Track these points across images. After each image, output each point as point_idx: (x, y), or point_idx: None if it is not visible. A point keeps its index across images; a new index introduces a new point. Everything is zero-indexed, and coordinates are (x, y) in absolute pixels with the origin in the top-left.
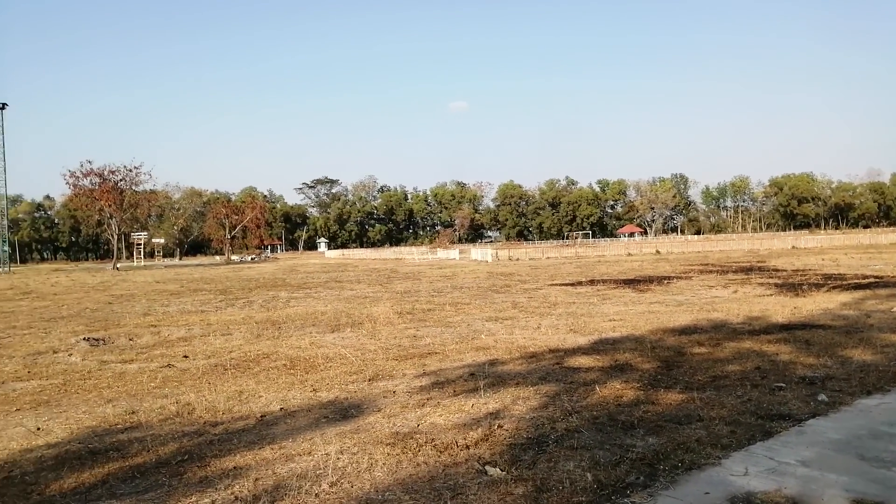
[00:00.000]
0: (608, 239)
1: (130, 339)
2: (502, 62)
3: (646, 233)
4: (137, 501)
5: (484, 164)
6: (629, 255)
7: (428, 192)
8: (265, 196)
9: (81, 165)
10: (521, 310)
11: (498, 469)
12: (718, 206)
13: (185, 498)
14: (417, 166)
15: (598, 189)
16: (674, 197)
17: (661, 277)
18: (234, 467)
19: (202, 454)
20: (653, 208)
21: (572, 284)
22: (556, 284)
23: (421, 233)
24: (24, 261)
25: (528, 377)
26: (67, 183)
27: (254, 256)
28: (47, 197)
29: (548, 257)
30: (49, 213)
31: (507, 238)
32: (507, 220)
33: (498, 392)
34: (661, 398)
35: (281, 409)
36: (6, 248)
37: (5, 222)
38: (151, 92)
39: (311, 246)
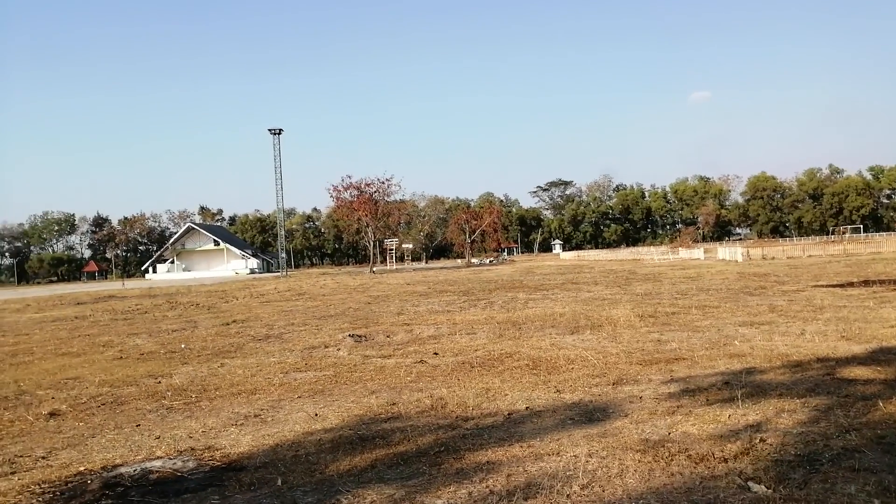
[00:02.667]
0: (885, 234)
1: (387, 336)
2: (749, 45)
3: None
4: (402, 487)
5: (730, 157)
6: None
7: (667, 189)
8: (501, 201)
9: (342, 180)
10: (781, 314)
11: (763, 486)
12: None
13: (444, 487)
14: (655, 162)
15: (869, 177)
16: None
17: None
18: (487, 462)
19: (457, 447)
20: None
21: (841, 286)
22: (822, 286)
23: (660, 232)
24: (297, 266)
25: (793, 388)
26: (331, 196)
27: (492, 259)
28: (315, 209)
29: (809, 255)
30: (316, 223)
31: (759, 235)
32: (758, 215)
33: (758, 403)
34: None
35: (527, 407)
36: (283, 255)
37: (283, 233)
38: (403, 109)
39: (546, 248)
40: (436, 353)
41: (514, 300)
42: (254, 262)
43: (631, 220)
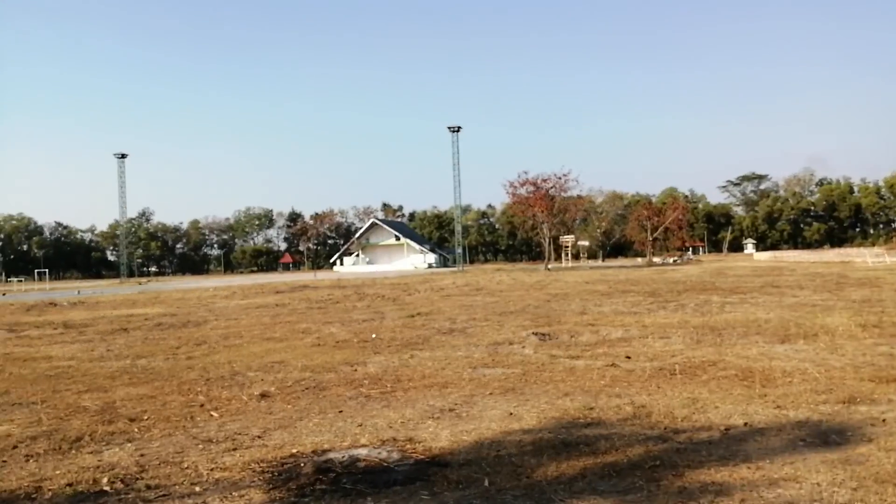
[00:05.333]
0: None
1: (572, 336)
2: None
3: None
4: (620, 501)
5: None
6: None
7: (881, 183)
8: (686, 196)
9: (518, 176)
10: None
11: None
12: None
13: None
14: (865, 154)
15: None
16: None
17: None
18: (712, 482)
19: (673, 462)
20: None
21: None
22: None
23: (871, 231)
24: (471, 261)
25: None
26: (507, 192)
27: (675, 258)
28: (489, 205)
29: None
30: (490, 219)
31: None
32: None
33: None
34: None
35: (745, 423)
36: (459, 250)
37: (460, 228)
38: (579, 102)
39: (737, 247)
40: (628, 357)
41: (708, 303)
42: (431, 257)
43: (836, 218)
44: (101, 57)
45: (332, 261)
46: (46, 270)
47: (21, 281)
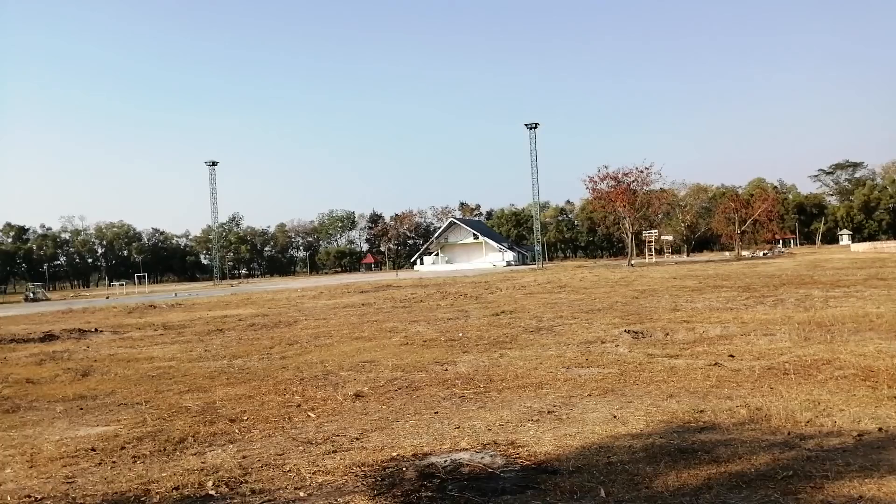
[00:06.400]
0: None
1: (666, 334)
2: None
3: None
4: None
5: None
6: None
7: None
8: (775, 187)
9: (598, 170)
10: None
11: None
12: None
13: None
14: None
15: None
16: None
17: None
18: (860, 497)
19: (807, 472)
20: None
21: None
22: None
23: None
24: (550, 259)
25: None
26: (587, 187)
27: (766, 252)
28: (568, 201)
29: None
30: (569, 215)
31: None
32: None
33: None
34: None
35: (880, 429)
36: (538, 247)
37: (538, 225)
38: (661, 93)
39: (831, 239)
40: (731, 356)
41: (809, 297)
42: (510, 255)
43: None
44: (207, 59)
45: (412, 260)
46: (145, 274)
47: (122, 285)
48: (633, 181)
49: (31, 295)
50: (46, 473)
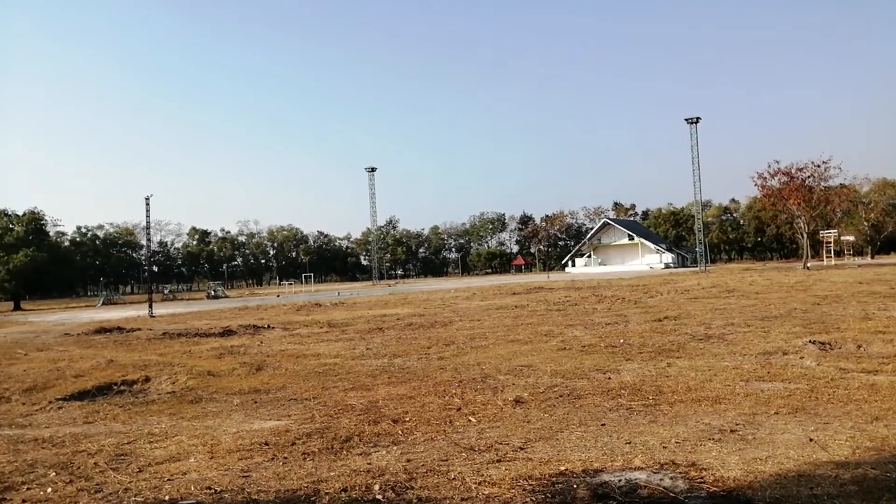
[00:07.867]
0: None
1: (859, 346)
2: None
3: None
4: None
5: None
6: None
7: None
8: None
9: (768, 166)
10: None
11: None
12: None
13: None
14: None
15: None
16: None
17: None
18: None
19: None
20: None
21: None
22: None
23: None
24: (713, 261)
25: None
26: (755, 184)
27: None
28: (732, 200)
29: None
30: (734, 215)
31: None
32: None
33: None
34: None
35: None
36: (700, 249)
37: (701, 225)
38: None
39: None
40: None
41: None
42: (668, 257)
43: None
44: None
45: (563, 262)
46: (311, 274)
47: (291, 284)
48: (809, 177)
49: (213, 293)
50: (224, 466)
